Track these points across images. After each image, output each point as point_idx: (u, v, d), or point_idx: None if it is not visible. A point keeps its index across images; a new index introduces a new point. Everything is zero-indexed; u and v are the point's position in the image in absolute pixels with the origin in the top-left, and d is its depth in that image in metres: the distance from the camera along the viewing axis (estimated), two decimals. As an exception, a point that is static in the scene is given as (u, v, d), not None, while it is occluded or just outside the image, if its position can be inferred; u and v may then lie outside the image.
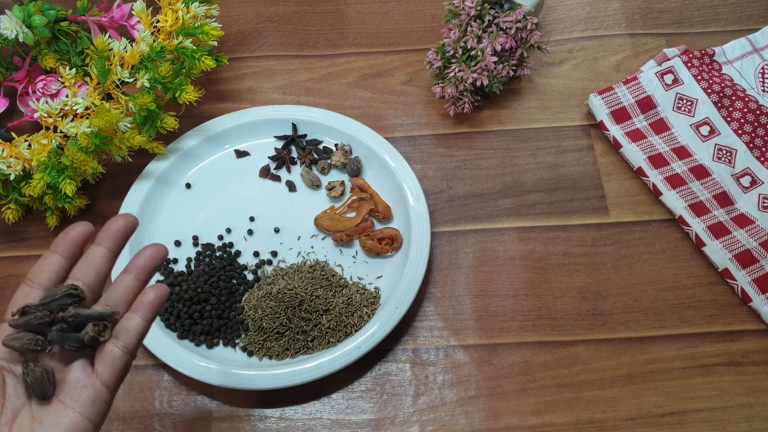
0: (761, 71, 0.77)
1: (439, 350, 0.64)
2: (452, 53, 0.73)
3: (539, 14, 0.79)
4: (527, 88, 0.79)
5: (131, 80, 0.70)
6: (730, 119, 0.73)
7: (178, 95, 0.70)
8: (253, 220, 0.71)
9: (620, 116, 0.74)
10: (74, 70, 0.71)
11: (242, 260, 0.69)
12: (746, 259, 0.65)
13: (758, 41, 0.78)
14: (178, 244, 0.70)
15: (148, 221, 0.70)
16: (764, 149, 0.72)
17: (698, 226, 0.68)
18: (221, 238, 0.70)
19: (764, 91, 0.76)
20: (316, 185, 0.72)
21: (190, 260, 0.69)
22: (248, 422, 0.62)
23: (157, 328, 0.63)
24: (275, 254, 0.69)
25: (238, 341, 0.64)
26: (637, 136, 0.73)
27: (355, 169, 0.72)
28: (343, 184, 0.72)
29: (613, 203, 0.71)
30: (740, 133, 0.72)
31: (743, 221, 0.68)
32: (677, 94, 0.75)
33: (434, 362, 0.64)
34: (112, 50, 0.70)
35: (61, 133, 0.68)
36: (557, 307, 0.66)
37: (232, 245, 0.69)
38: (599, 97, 0.75)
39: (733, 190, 0.70)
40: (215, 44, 0.73)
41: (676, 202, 0.69)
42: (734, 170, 0.71)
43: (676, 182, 0.70)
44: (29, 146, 0.67)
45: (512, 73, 0.75)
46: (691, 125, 0.74)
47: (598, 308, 0.66)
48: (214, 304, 0.65)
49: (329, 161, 0.73)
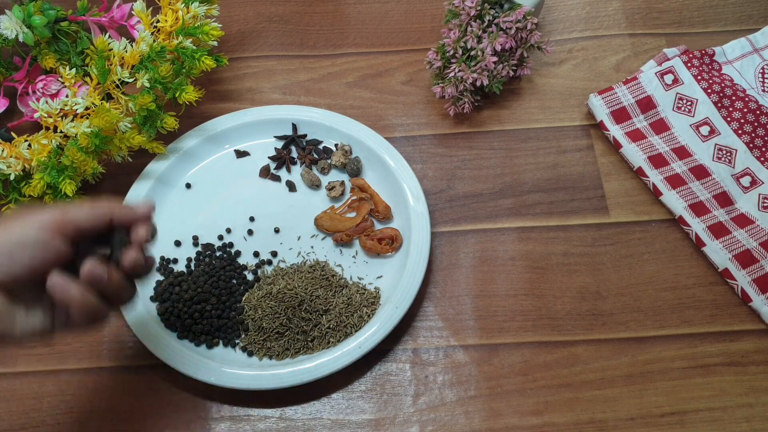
0: (761, 71, 0.77)
1: (439, 350, 0.64)
2: (452, 53, 0.73)
3: (539, 14, 0.79)
4: (527, 88, 0.79)
5: (131, 80, 0.70)
6: (730, 119, 0.73)
7: (178, 95, 0.70)
8: (253, 220, 0.71)
9: (620, 116, 0.74)
10: (74, 70, 0.71)
11: (242, 260, 0.69)
12: (746, 259, 0.65)
13: (758, 41, 0.78)
14: (178, 244, 0.70)
15: (148, 221, 0.70)
16: (764, 149, 0.72)
17: (698, 226, 0.68)
18: (221, 238, 0.70)
19: (764, 91, 0.76)
20: (316, 185, 0.72)
21: (190, 260, 0.69)
22: (248, 422, 0.62)
23: (157, 327, 0.63)
24: (275, 254, 0.69)
25: (238, 341, 0.64)
26: (637, 136, 0.73)
27: (355, 169, 0.72)
28: (343, 184, 0.72)
29: (613, 203, 0.71)
30: (740, 133, 0.72)
31: (743, 221, 0.68)
32: (677, 94, 0.75)
33: (434, 362, 0.64)
34: (112, 50, 0.70)
35: (61, 133, 0.68)
36: (557, 307, 0.66)
37: (232, 245, 0.69)
38: (599, 97, 0.75)
39: (733, 190, 0.70)
40: (215, 44, 0.73)
41: (676, 202, 0.69)
42: (734, 170, 0.71)
43: (676, 182, 0.70)
44: (29, 146, 0.67)
45: (512, 73, 0.75)
46: (691, 125, 0.74)
47: (598, 308, 0.66)
48: (214, 304, 0.65)
49: (329, 161, 0.73)
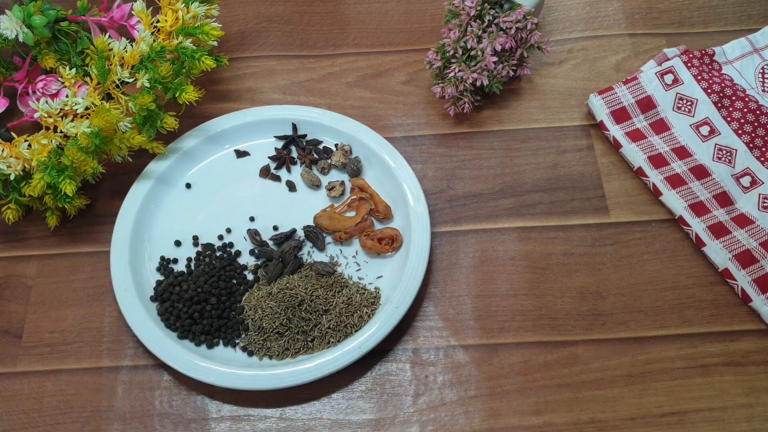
0: (761, 71, 0.77)
1: (439, 350, 0.64)
2: (452, 53, 0.73)
3: (539, 14, 0.79)
4: (527, 88, 0.79)
5: (131, 80, 0.70)
6: (730, 119, 0.73)
7: (178, 95, 0.70)
8: (253, 220, 0.71)
9: (620, 116, 0.74)
10: (74, 70, 0.71)
11: (242, 260, 0.69)
12: (746, 259, 0.65)
13: (758, 41, 0.78)
14: (178, 244, 0.70)
15: (148, 221, 0.70)
16: (764, 149, 0.72)
17: (698, 226, 0.68)
18: (221, 238, 0.70)
19: (764, 91, 0.76)
20: (316, 185, 0.72)
21: (190, 260, 0.69)
22: (248, 422, 0.62)
23: (157, 328, 0.63)
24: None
25: (238, 341, 0.64)
26: (637, 136, 0.73)
27: (355, 169, 0.72)
28: (343, 184, 0.72)
29: (613, 203, 0.71)
30: (740, 133, 0.72)
31: (743, 221, 0.68)
32: (677, 94, 0.75)
33: (434, 362, 0.64)
34: (112, 50, 0.70)
35: (61, 133, 0.68)
36: (557, 307, 0.66)
37: (232, 245, 0.69)
38: (599, 97, 0.75)
39: (733, 190, 0.70)
40: (215, 44, 0.73)
41: (676, 202, 0.69)
42: (734, 170, 0.71)
43: (676, 182, 0.70)
44: (29, 146, 0.67)
45: (512, 73, 0.75)
46: (691, 125, 0.74)
47: (598, 308, 0.66)
48: (214, 304, 0.65)
49: (329, 161, 0.73)
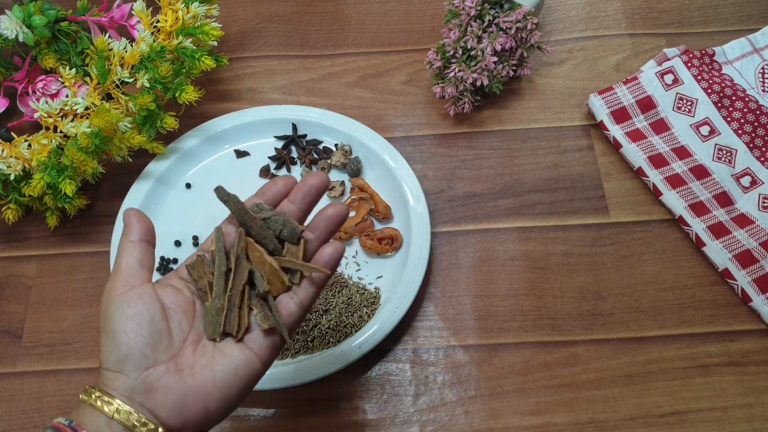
0: (761, 71, 0.77)
1: (439, 350, 0.64)
2: (452, 53, 0.73)
3: (539, 14, 0.79)
4: (527, 88, 0.79)
5: (131, 80, 0.70)
6: (730, 119, 0.73)
7: (178, 95, 0.70)
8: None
9: (620, 116, 0.74)
10: (74, 70, 0.71)
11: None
12: (746, 259, 0.65)
13: (758, 41, 0.78)
14: (178, 244, 0.70)
15: (148, 221, 0.70)
16: (764, 149, 0.72)
17: (698, 226, 0.68)
18: (221, 238, 0.70)
19: (764, 91, 0.76)
20: (316, 185, 0.72)
21: (190, 260, 0.69)
22: (248, 422, 0.62)
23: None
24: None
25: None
26: (637, 136, 0.73)
27: (355, 169, 0.72)
28: (343, 184, 0.72)
29: (613, 203, 0.71)
30: (740, 133, 0.72)
31: (743, 221, 0.68)
32: (677, 94, 0.75)
33: (434, 362, 0.64)
34: (112, 50, 0.70)
35: (61, 133, 0.68)
36: (557, 307, 0.66)
37: (232, 245, 0.69)
38: (599, 97, 0.75)
39: (733, 190, 0.70)
40: (215, 44, 0.73)
41: (676, 202, 0.69)
42: (734, 170, 0.71)
43: (676, 182, 0.70)
44: (29, 146, 0.67)
45: (512, 73, 0.75)
46: (691, 125, 0.74)
47: (598, 308, 0.66)
48: (214, 304, 0.65)
49: (329, 161, 0.73)
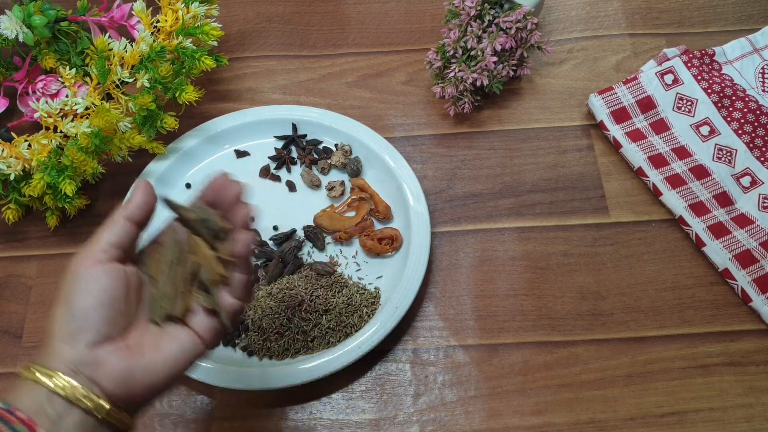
0: (761, 71, 0.77)
1: (439, 350, 0.64)
2: (452, 53, 0.73)
3: (539, 14, 0.79)
4: (527, 88, 0.79)
5: (131, 80, 0.70)
6: (730, 119, 0.73)
7: (178, 95, 0.70)
8: (252, 220, 0.71)
9: (620, 116, 0.74)
10: (74, 70, 0.71)
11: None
12: (746, 259, 0.65)
13: (758, 41, 0.78)
14: (178, 244, 0.70)
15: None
16: (764, 149, 0.72)
17: (698, 226, 0.68)
18: (221, 238, 0.70)
19: (764, 91, 0.76)
20: (316, 185, 0.72)
21: (190, 260, 0.69)
22: (248, 422, 0.62)
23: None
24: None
25: (238, 341, 0.64)
26: (637, 136, 0.73)
27: (355, 169, 0.72)
28: (343, 184, 0.72)
29: (613, 203, 0.71)
30: (740, 133, 0.72)
31: (743, 221, 0.68)
32: (677, 94, 0.75)
33: (434, 362, 0.64)
34: (112, 50, 0.70)
35: (61, 133, 0.68)
36: (557, 307, 0.66)
37: (232, 245, 0.69)
38: (599, 97, 0.75)
39: (733, 190, 0.70)
40: (215, 44, 0.73)
41: (676, 202, 0.69)
42: (734, 170, 0.71)
43: (676, 182, 0.70)
44: (29, 146, 0.67)
45: (512, 73, 0.75)
46: (691, 125, 0.74)
47: (598, 308, 0.66)
48: (214, 304, 0.65)
49: (329, 161, 0.73)
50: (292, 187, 0.73)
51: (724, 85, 0.75)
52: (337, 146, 0.74)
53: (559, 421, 0.61)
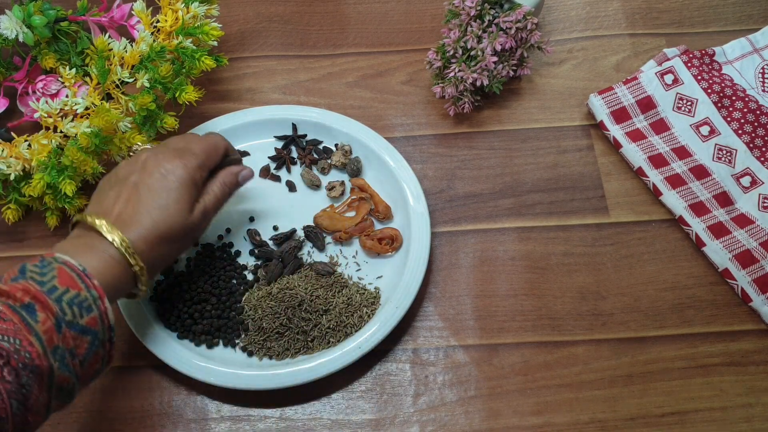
0: (761, 71, 0.77)
1: (439, 350, 0.64)
2: (452, 53, 0.73)
3: (539, 14, 0.79)
4: (527, 88, 0.79)
5: (131, 80, 0.70)
6: (730, 119, 0.73)
7: (178, 95, 0.70)
8: (252, 220, 0.71)
9: (620, 116, 0.74)
10: (74, 70, 0.71)
11: (242, 260, 0.69)
12: (746, 259, 0.65)
13: (758, 41, 0.78)
14: (178, 244, 0.70)
15: (148, 221, 0.70)
16: (764, 149, 0.72)
17: (698, 226, 0.68)
18: (221, 238, 0.70)
19: (764, 91, 0.76)
20: (316, 185, 0.72)
21: (189, 260, 0.69)
22: (248, 422, 0.62)
23: (157, 328, 0.63)
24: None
25: (238, 341, 0.64)
26: (637, 136, 0.73)
27: (355, 169, 0.72)
28: (343, 184, 0.72)
29: (613, 203, 0.71)
30: (740, 133, 0.72)
31: (743, 221, 0.68)
32: (677, 94, 0.75)
33: (434, 362, 0.64)
34: (112, 50, 0.70)
35: (61, 133, 0.68)
36: (557, 307, 0.66)
37: (232, 245, 0.69)
38: (599, 97, 0.75)
39: (733, 190, 0.70)
40: (215, 44, 0.73)
41: (676, 202, 0.69)
42: (734, 170, 0.71)
43: (676, 182, 0.70)
44: (29, 146, 0.67)
45: (512, 73, 0.75)
46: (691, 125, 0.74)
47: (598, 308, 0.66)
48: (214, 304, 0.65)
49: (329, 161, 0.73)
50: (292, 187, 0.73)
51: (724, 85, 0.75)
52: (337, 146, 0.74)
53: (559, 421, 0.61)
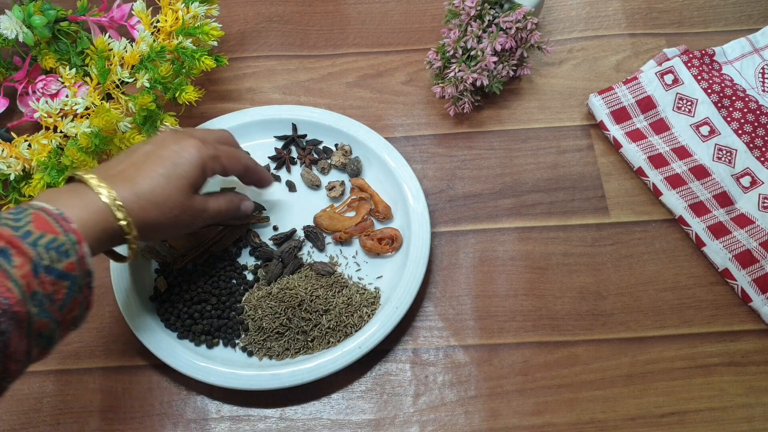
0: (761, 71, 0.77)
1: (439, 350, 0.64)
2: (452, 53, 0.73)
3: (539, 14, 0.79)
4: (527, 88, 0.79)
5: (131, 80, 0.70)
6: (730, 119, 0.73)
7: (178, 95, 0.70)
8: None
9: (620, 116, 0.74)
10: (74, 70, 0.71)
11: (242, 260, 0.69)
12: (746, 259, 0.65)
13: (758, 41, 0.78)
14: (178, 244, 0.70)
15: (148, 221, 0.70)
16: (764, 149, 0.72)
17: (698, 226, 0.68)
18: (221, 238, 0.70)
19: (764, 91, 0.76)
20: (316, 185, 0.72)
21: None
22: (248, 422, 0.62)
23: (157, 328, 0.63)
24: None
25: (238, 341, 0.64)
26: (637, 136, 0.73)
27: (355, 169, 0.72)
28: (343, 184, 0.72)
29: (613, 203, 0.71)
30: (740, 133, 0.72)
31: (743, 221, 0.68)
32: (677, 94, 0.75)
33: (434, 362, 0.64)
34: (112, 50, 0.70)
35: (61, 133, 0.68)
36: (557, 307, 0.66)
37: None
38: (599, 97, 0.75)
39: (733, 190, 0.70)
40: (215, 44, 0.73)
41: (676, 202, 0.69)
42: (734, 170, 0.71)
43: (676, 182, 0.70)
44: (29, 146, 0.67)
45: (512, 73, 0.75)
46: (691, 125, 0.74)
47: (598, 308, 0.66)
48: (214, 304, 0.65)
49: (329, 161, 0.73)
50: (292, 187, 0.73)
51: (724, 85, 0.75)
52: (337, 146, 0.74)
53: (559, 421, 0.61)
